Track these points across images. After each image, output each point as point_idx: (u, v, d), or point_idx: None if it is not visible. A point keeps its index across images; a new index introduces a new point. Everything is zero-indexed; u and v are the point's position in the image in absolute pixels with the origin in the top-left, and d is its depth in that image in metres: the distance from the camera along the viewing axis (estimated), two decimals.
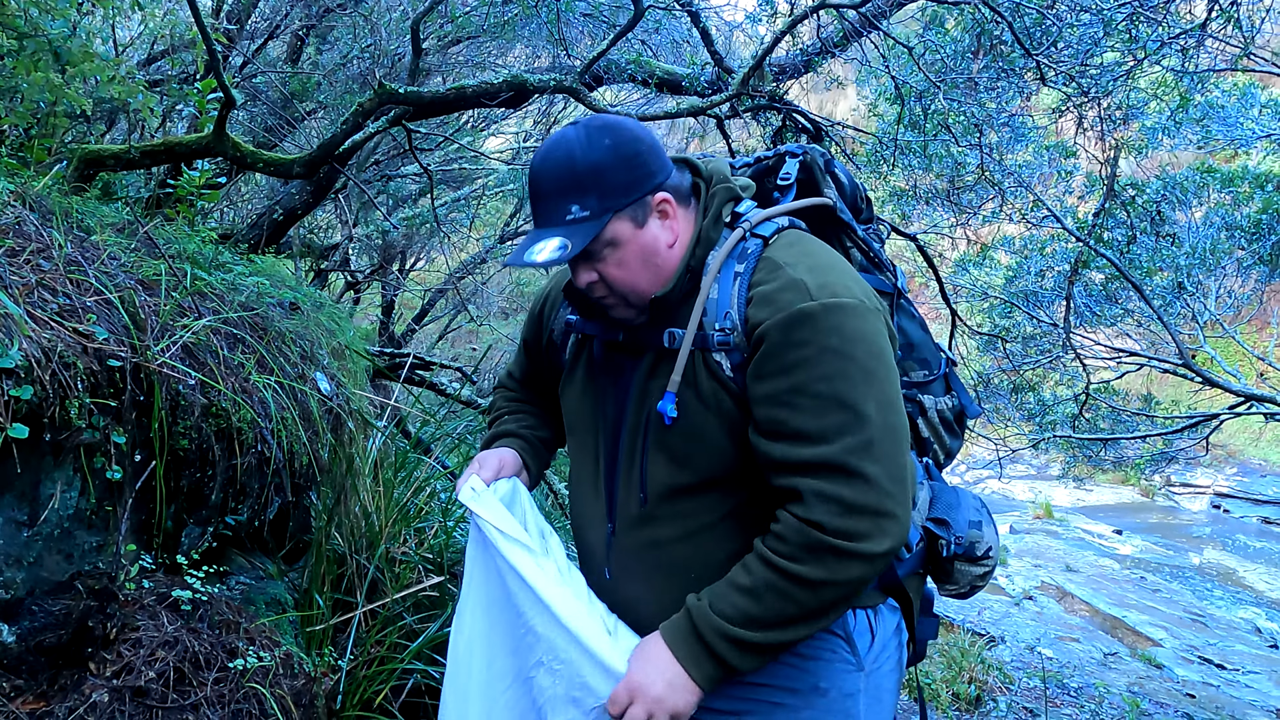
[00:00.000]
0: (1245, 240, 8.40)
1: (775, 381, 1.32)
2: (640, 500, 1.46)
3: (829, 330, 1.32)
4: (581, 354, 1.60)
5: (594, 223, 1.38)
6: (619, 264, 1.42)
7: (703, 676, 1.32)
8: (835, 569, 1.28)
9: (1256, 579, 11.95)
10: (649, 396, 1.45)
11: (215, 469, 1.91)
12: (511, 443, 1.70)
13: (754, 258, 1.42)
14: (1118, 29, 3.66)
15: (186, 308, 2.04)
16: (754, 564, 1.33)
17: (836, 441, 1.28)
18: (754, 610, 1.30)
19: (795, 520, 1.30)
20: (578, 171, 1.38)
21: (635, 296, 1.44)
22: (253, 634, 1.65)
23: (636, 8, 3.09)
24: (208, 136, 3.29)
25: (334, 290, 7.76)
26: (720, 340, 1.39)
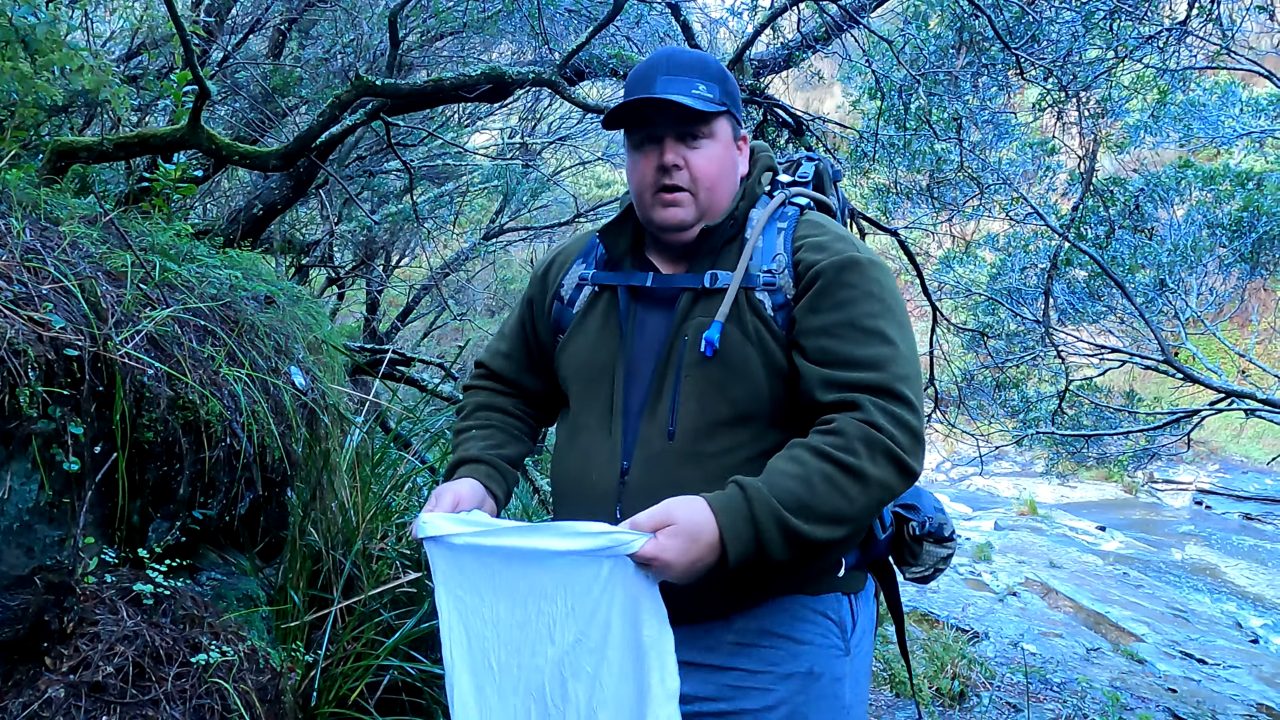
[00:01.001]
0: (1227, 238, 8.45)
1: (828, 315, 1.43)
2: (668, 434, 1.47)
3: (872, 279, 1.46)
4: (595, 306, 1.63)
5: (715, 105, 1.50)
6: (709, 158, 1.52)
7: (736, 553, 1.29)
8: (886, 471, 1.33)
9: (1238, 574, 12.04)
10: (681, 336, 1.50)
11: (183, 462, 1.88)
12: (473, 470, 1.65)
13: (793, 220, 1.57)
14: (1098, 25, 3.67)
15: (154, 299, 2.01)
16: (805, 455, 1.34)
17: (886, 369, 1.38)
18: (807, 498, 1.31)
19: (855, 421, 1.35)
20: (711, 66, 1.54)
21: (706, 198, 1.53)
22: (217, 629, 1.63)
23: (615, 0, 3.07)
24: (183, 129, 3.25)
25: (315, 286, 7.71)
26: (766, 281, 1.50)
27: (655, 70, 1.53)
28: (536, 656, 1.37)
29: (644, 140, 1.54)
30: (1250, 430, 17.08)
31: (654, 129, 1.52)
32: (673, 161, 1.51)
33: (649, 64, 1.55)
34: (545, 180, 9.75)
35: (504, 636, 1.40)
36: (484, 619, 1.41)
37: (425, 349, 10.98)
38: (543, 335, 1.73)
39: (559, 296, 1.69)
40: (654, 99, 1.48)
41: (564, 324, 1.68)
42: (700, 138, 1.52)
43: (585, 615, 1.33)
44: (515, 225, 10.52)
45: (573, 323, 1.65)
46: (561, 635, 1.34)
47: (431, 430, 4.24)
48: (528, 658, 1.38)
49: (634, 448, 1.50)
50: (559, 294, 1.69)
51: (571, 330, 1.65)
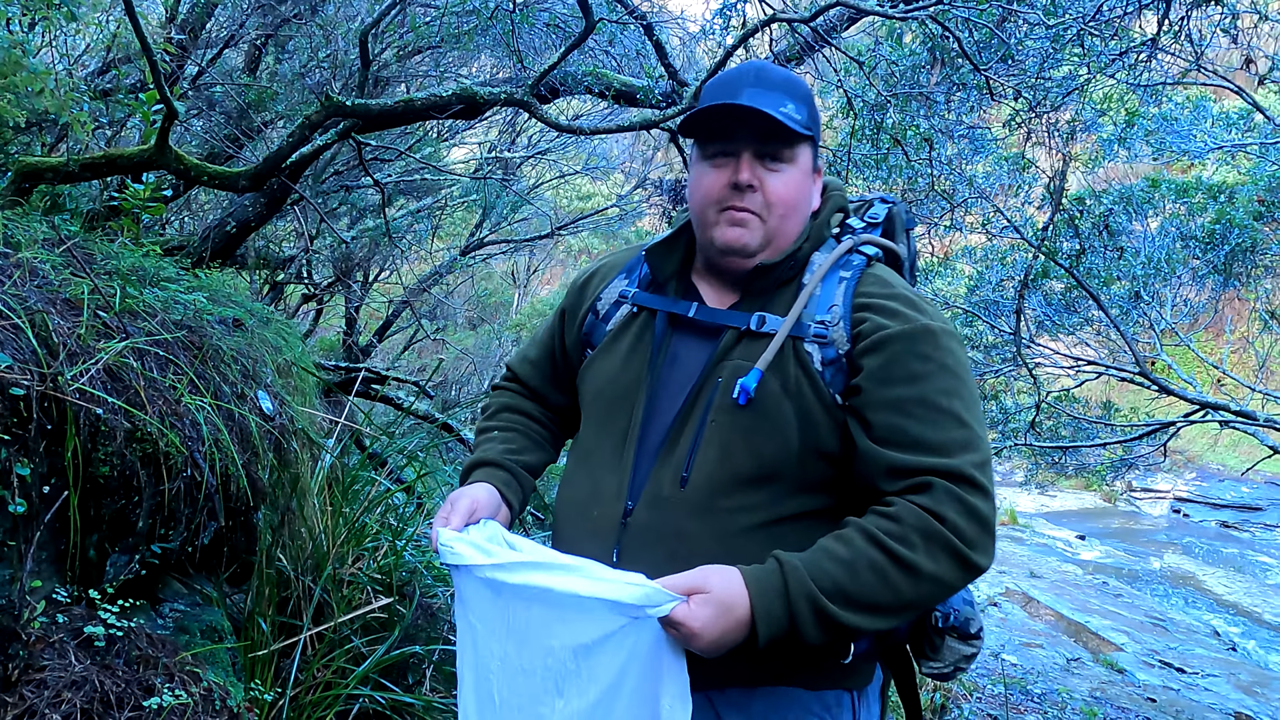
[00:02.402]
0: (1200, 250, 8.55)
1: (899, 389, 1.32)
2: (680, 481, 1.37)
3: (947, 351, 1.36)
4: (629, 327, 1.53)
5: (802, 130, 1.40)
6: (785, 183, 1.42)
7: (767, 632, 1.21)
8: (944, 567, 1.23)
9: (1215, 583, 12.14)
10: (715, 377, 1.40)
11: (141, 495, 1.85)
12: (490, 474, 1.57)
13: (858, 270, 1.44)
14: (1066, 46, 3.70)
15: (114, 328, 1.98)
16: (855, 539, 1.25)
17: (960, 455, 1.28)
18: (848, 585, 1.22)
19: (917, 509, 1.25)
20: (800, 88, 1.43)
21: (776, 223, 1.43)
22: (173, 669, 1.59)
23: (587, 20, 3.07)
24: (150, 149, 3.21)
25: (290, 303, 7.65)
26: (817, 332, 1.38)
27: (742, 81, 1.41)
28: (540, 706, 1.30)
29: (719, 153, 1.42)
30: (1226, 439, 17.25)
31: (732, 142, 1.41)
32: (748, 180, 1.39)
33: (736, 74, 1.43)
34: (525, 194, 9.74)
35: (508, 677, 1.34)
36: (492, 652, 1.35)
37: (405, 362, 10.93)
38: (571, 349, 1.65)
39: (594, 310, 1.60)
40: (740, 107, 1.36)
41: (594, 340, 1.58)
42: (781, 160, 1.41)
43: (601, 676, 1.25)
44: (495, 239, 10.51)
45: (603, 341, 1.56)
46: (572, 692, 1.27)
47: (406, 451, 4.20)
48: (529, 704, 1.31)
49: (642, 487, 1.40)
50: (595, 308, 1.60)
51: (601, 348, 1.55)
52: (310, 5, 5.64)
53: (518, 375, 1.75)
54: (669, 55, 3.79)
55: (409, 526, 3.26)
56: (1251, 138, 8.28)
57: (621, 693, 1.25)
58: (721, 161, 1.42)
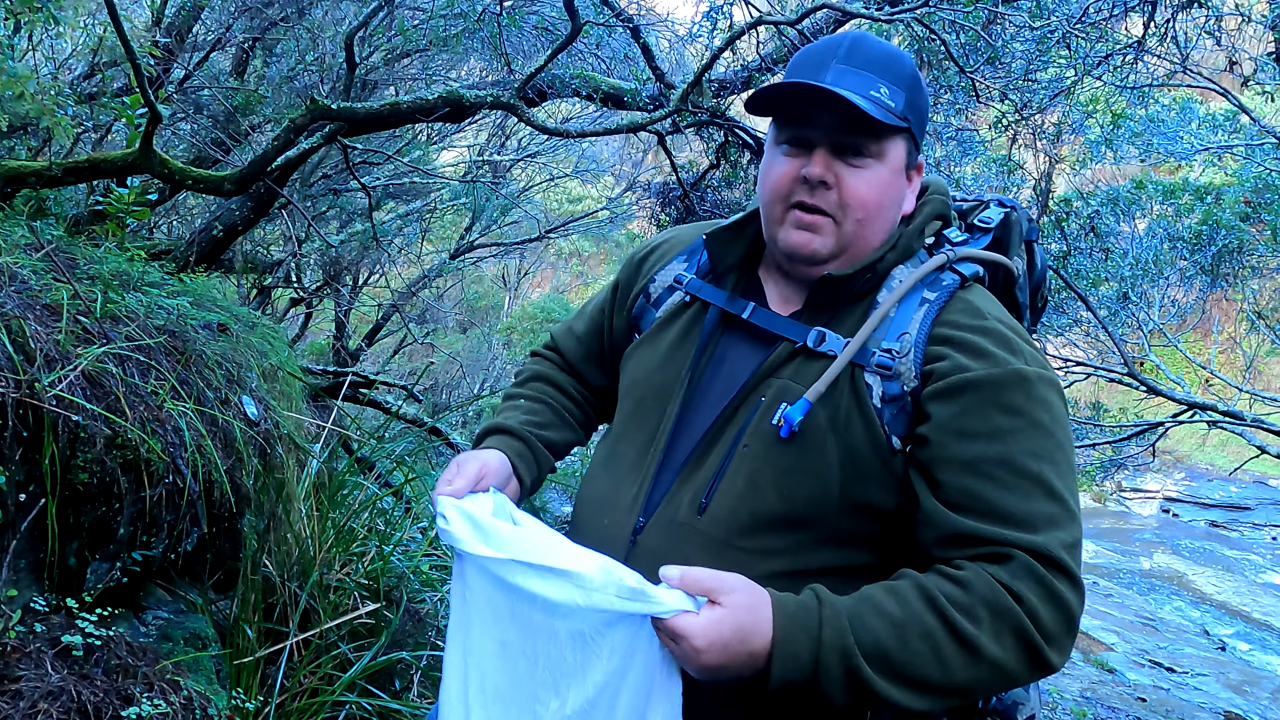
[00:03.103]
0: (1187, 251, 8.59)
1: (978, 445, 1.10)
2: (698, 508, 1.20)
3: (1040, 403, 1.13)
4: (679, 318, 1.36)
5: (895, 117, 1.18)
6: (870, 183, 1.20)
7: (781, 676, 1.02)
8: (1009, 654, 1.03)
9: (1205, 582, 12.19)
10: (758, 394, 1.22)
11: (122, 502, 1.83)
12: (505, 442, 1.39)
13: (947, 292, 1.23)
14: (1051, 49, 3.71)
15: (94, 334, 1.97)
16: (913, 598, 1.05)
17: (1047, 532, 1.06)
18: (892, 649, 1.02)
19: (991, 579, 1.04)
20: (902, 65, 1.22)
21: (853, 228, 1.22)
22: (152, 678, 1.58)
23: (573, 24, 3.06)
24: (134, 153, 3.20)
25: (279, 308, 7.63)
26: (882, 362, 1.18)
27: (831, 54, 1.20)
28: (537, 704, 1.18)
29: (793, 139, 1.23)
30: (1214, 439, 17.34)
31: (808, 128, 1.20)
32: (819, 176, 1.19)
33: (826, 45, 1.22)
34: (515, 197, 9.73)
35: (508, 663, 1.21)
36: (490, 635, 1.22)
37: (396, 366, 10.90)
38: (618, 329, 1.49)
39: (646, 293, 1.43)
40: (813, 88, 1.15)
41: (643, 325, 1.42)
42: (865, 155, 1.20)
43: (596, 681, 1.13)
44: (485, 242, 10.49)
45: (650, 328, 1.39)
46: (571, 692, 1.15)
47: (394, 455, 4.19)
48: (527, 701, 1.19)
49: (658, 505, 1.24)
50: (647, 290, 1.43)
51: (646, 337, 1.39)
52: (297, 8, 5.63)
53: (558, 346, 1.60)
54: (656, 58, 3.79)
55: (397, 531, 3.25)
56: (1238, 139, 8.34)
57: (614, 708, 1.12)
58: (795, 150, 1.22)
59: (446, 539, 1.22)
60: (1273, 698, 7.91)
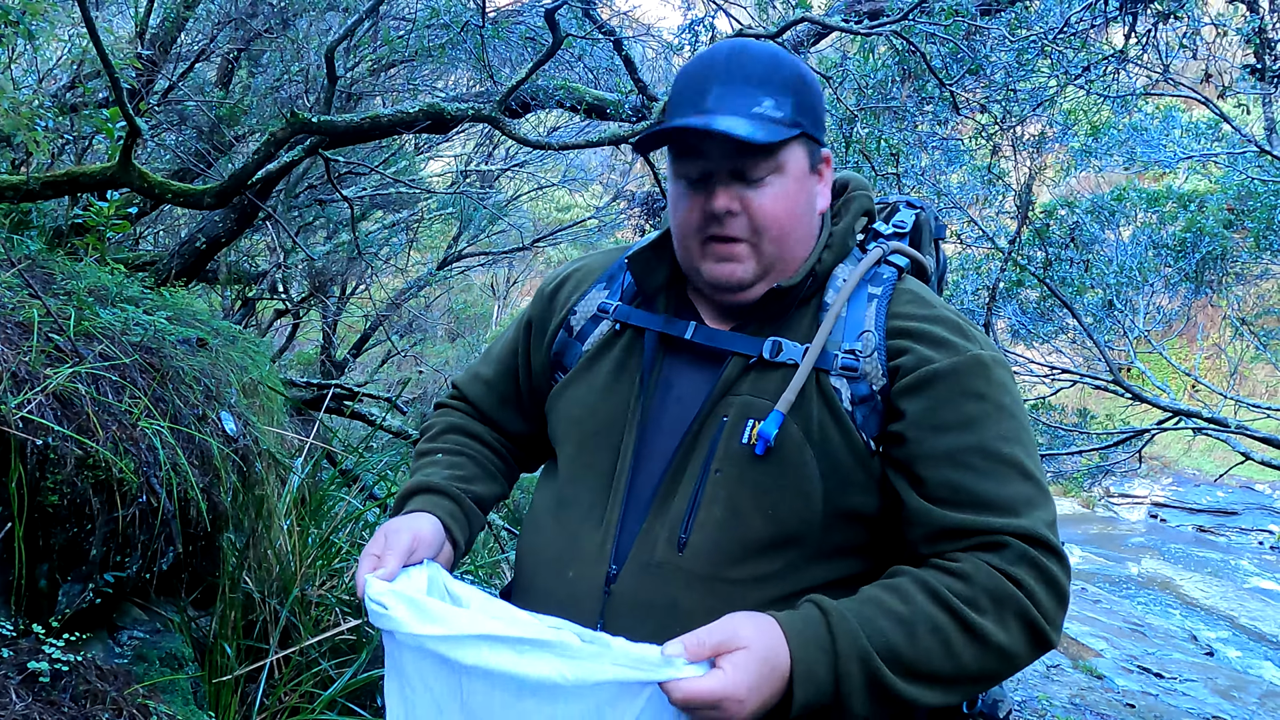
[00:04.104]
0: (1172, 258, 8.66)
1: (954, 436, 1.11)
2: (677, 544, 1.15)
3: (1000, 386, 1.15)
4: (611, 348, 1.29)
5: (784, 128, 1.14)
6: (776, 198, 1.16)
7: (804, 698, 0.98)
8: (1015, 638, 1.04)
9: (1192, 587, 12.22)
10: (720, 414, 1.18)
11: (94, 523, 1.81)
12: (433, 502, 1.28)
13: (889, 284, 1.23)
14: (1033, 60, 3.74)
15: (66, 352, 1.95)
16: (912, 592, 1.04)
17: (1030, 514, 1.08)
18: (903, 648, 1.01)
19: (989, 568, 1.05)
20: (784, 70, 1.17)
21: (774, 248, 1.18)
22: (122, 703, 1.56)
23: (554, 36, 3.07)
24: (113, 167, 3.18)
25: (263, 319, 7.60)
26: (847, 364, 1.16)
27: (711, 76, 1.16)
28: None
29: (691, 174, 1.19)
30: (1201, 445, 17.42)
31: (703, 159, 1.17)
32: (725, 207, 1.16)
33: (706, 64, 1.18)
34: (503, 206, 9.73)
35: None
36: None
37: (384, 376, 10.87)
38: (536, 370, 1.40)
39: (567, 325, 1.35)
40: (698, 131, 1.12)
41: (567, 361, 1.34)
42: (765, 175, 1.15)
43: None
44: (473, 251, 10.48)
45: (578, 363, 1.31)
46: None
47: (378, 468, 4.17)
48: None
49: (630, 548, 1.17)
50: (568, 323, 1.35)
51: (576, 372, 1.31)
52: (282, 20, 5.62)
53: (466, 395, 1.49)
54: (639, 70, 3.79)
55: None
56: (1220, 147, 8.40)
57: None
58: (696, 184, 1.19)
59: (381, 622, 1.05)
60: (1260, 703, 7.94)
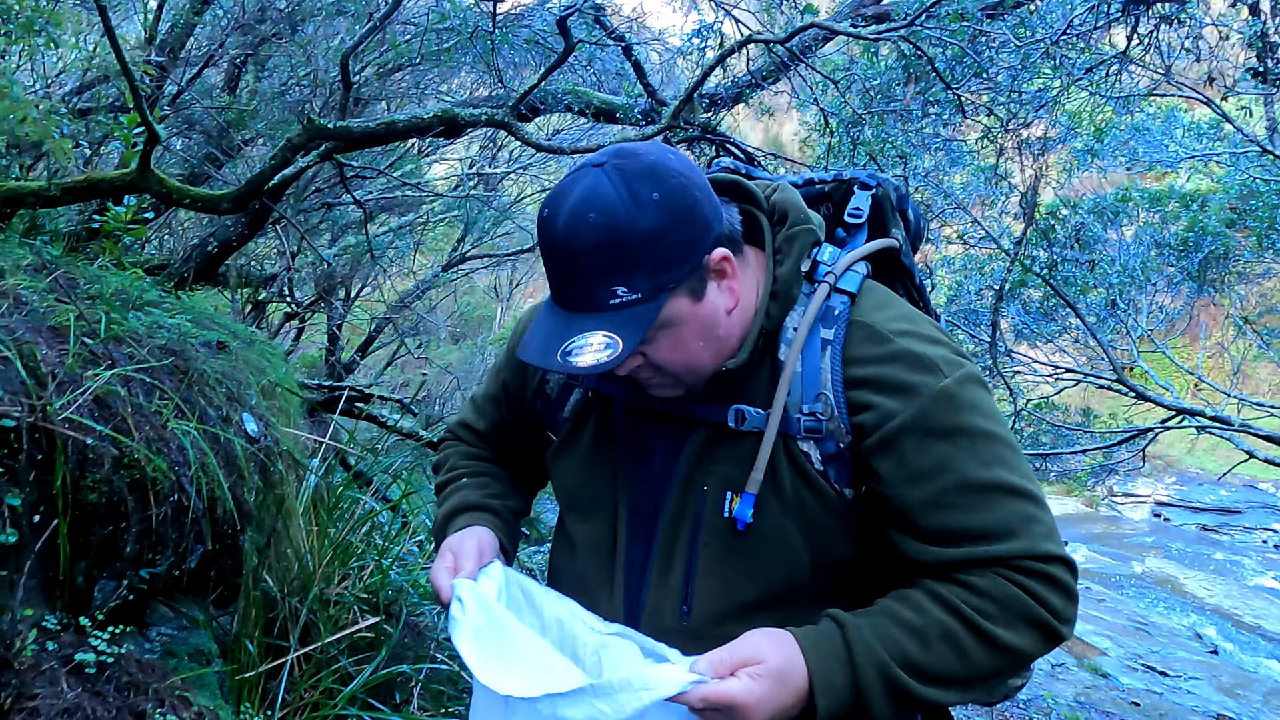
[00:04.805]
0: (1174, 257, 8.69)
1: (935, 482, 1.12)
2: (680, 614, 1.21)
3: (969, 410, 1.15)
4: (589, 417, 1.32)
5: (647, 307, 1.11)
6: (673, 347, 1.16)
7: (828, 706, 1.05)
8: (1026, 640, 1.10)
9: (1196, 586, 12.25)
10: (699, 485, 1.21)
11: (129, 521, 1.86)
12: (481, 519, 1.37)
13: (842, 322, 1.20)
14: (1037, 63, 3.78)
15: (100, 355, 1.99)
16: (929, 605, 1.10)
17: (1026, 533, 1.11)
18: (918, 656, 1.07)
19: (999, 579, 1.10)
20: (626, 244, 1.09)
21: (691, 376, 1.20)
22: (163, 694, 1.60)
23: (566, 42, 3.11)
24: (132, 173, 3.23)
25: (273, 322, 7.65)
26: (810, 426, 1.17)
27: (557, 266, 1.13)
28: None
29: None
30: (1204, 444, 17.44)
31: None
32: (628, 370, 1.18)
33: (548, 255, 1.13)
34: (507, 209, 9.77)
35: None
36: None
37: (389, 378, 10.91)
38: (527, 429, 1.45)
39: (543, 393, 1.39)
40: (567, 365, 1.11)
41: (553, 427, 1.38)
42: (653, 339, 1.15)
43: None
44: (477, 254, 10.53)
45: (564, 432, 1.35)
46: None
47: (390, 470, 4.21)
48: None
49: (639, 620, 1.24)
50: (543, 390, 1.39)
51: (563, 442, 1.36)
52: (290, 25, 5.67)
53: (478, 433, 1.55)
54: (648, 74, 3.84)
55: (395, 545, 3.27)
56: (1222, 147, 8.44)
57: None
58: None
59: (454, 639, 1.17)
60: (1265, 700, 7.97)
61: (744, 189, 1.27)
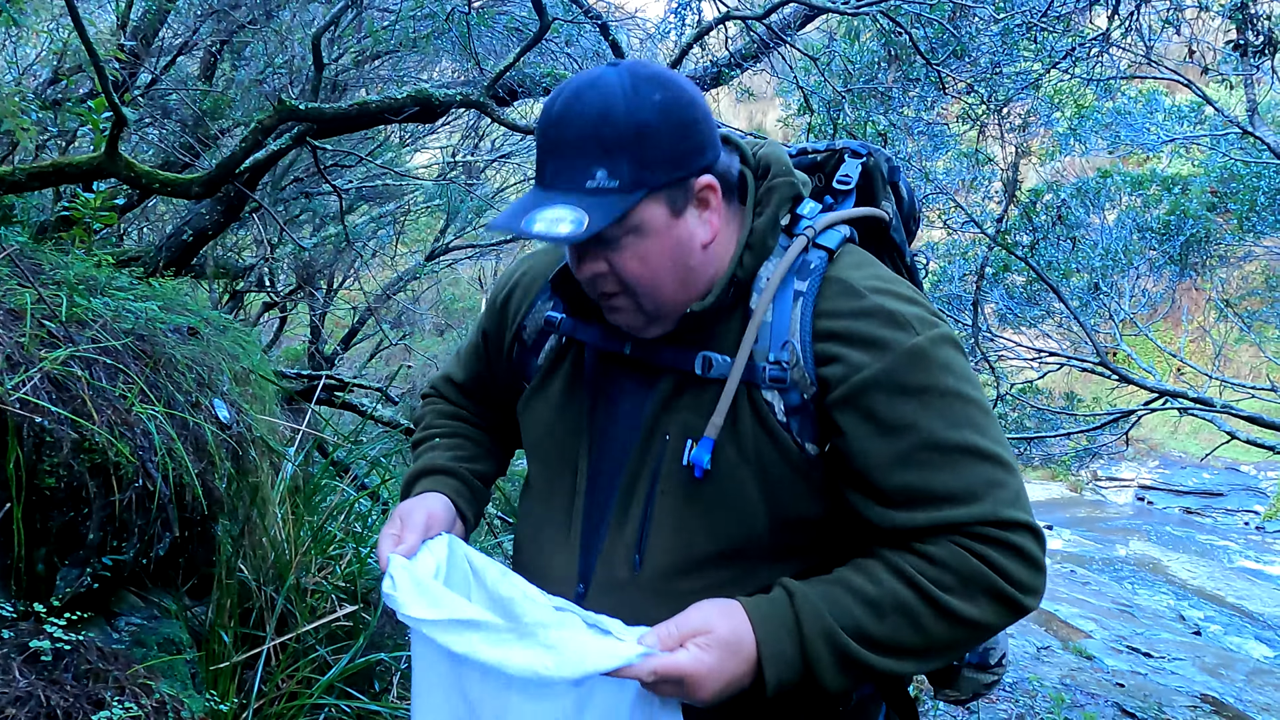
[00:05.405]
0: (1156, 241, 8.73)
1: (900, 440, 1.09)
2: (633, 565, 1.19)
3: (941, 369, 1.11)
4: (562, 363, 1.30)
5: (623, 198, 1.09)
6: (641, 257, 1.13)
7: (776, 678, 1.03)
8: (986, 611, 1.06)
9: (1180, 568, 12.35)
10: (661, 433, 1.19)
11: (91, 507, 1.81)
12: (442, 482, 1.35)
13: (818, 275, 1.17)
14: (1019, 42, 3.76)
15: (59, 337, 1.94)
16: (885, 577, 1.07)
17: (991, 497, 1.07)
18: (871, 627, 1.05)
19: (958, 549, 1.06)
20: (616, 127, 1.08)
21: (652, 302, 1.16)
22: (124, 682, 1.56)
23: (541, 21, 3.06)
24: (99, 157, 3.16)
25: (251, 312, 7.57)
26: (775, 375, 1.13)
27: (545, 144, 1.13)
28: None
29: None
30: (1186, 426, 17.59)
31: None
32: (589, 274, 1.16)
33: (542, 124, 1.14)
34: (490, 198, 9.70)
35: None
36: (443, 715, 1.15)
37: (373, 370, 10.84)
38: (502, 378, 1.43)
39: (520, 340, 1.36)
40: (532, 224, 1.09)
41: (527, 374, 1.36)
42: (619, 241, 1.12)
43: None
44: (461, 243, 10.45)
45: (536, 378, 1.33)
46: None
47: (370, 457, 4.17)
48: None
49: (593, 569, 1.22)
50: (521, 336, 1.36)
51: (534, 388, 1.33)
52: (265, 11, 5.58)
53: (445, 396, 1.55)
54: (626, 55, 3.79)
55: (374, 533, 3.24)
56: (1203, 130, 8.46)
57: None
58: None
59: (389, 603, 1.13)
60: (1248, 680, 8.03)
61: (732, 140, 1.24)
